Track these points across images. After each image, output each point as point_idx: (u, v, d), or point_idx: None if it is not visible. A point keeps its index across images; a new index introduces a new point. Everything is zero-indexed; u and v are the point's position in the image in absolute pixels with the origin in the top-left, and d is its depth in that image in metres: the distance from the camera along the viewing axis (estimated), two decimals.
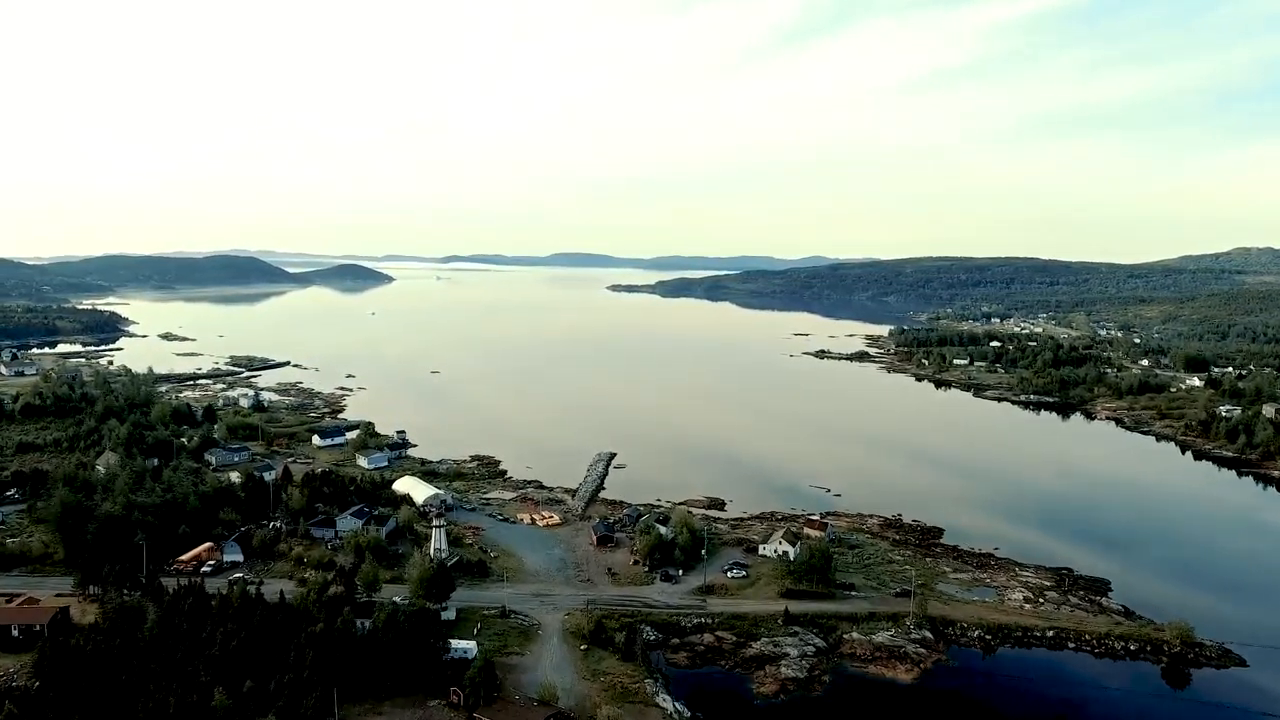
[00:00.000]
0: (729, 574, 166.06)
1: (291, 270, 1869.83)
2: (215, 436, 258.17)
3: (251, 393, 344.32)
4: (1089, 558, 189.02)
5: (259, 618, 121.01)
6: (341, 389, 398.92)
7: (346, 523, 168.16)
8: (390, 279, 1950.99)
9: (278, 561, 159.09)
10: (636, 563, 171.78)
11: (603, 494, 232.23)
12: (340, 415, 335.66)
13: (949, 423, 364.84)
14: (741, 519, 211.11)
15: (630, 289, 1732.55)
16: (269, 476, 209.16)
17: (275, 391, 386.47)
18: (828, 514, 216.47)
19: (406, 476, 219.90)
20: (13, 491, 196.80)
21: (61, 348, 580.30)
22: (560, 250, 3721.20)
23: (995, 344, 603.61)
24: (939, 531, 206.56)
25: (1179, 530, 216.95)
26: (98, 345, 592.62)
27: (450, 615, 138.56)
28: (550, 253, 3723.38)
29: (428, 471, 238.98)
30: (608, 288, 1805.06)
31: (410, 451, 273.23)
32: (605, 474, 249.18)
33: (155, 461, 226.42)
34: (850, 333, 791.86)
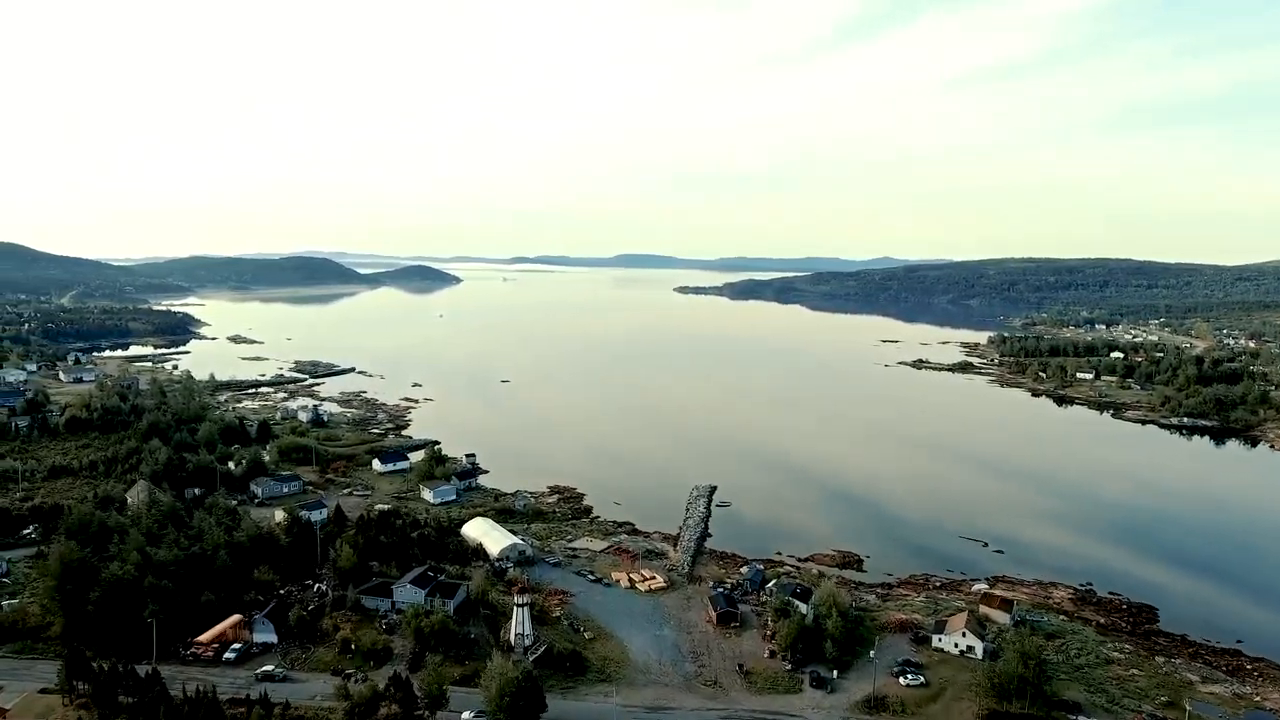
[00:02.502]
0: (901, 679, 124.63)
1: (363, 271, 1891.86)
2: (265, 459, 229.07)
3: (311, 404, 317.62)
4: None
5: None
6: (407, 399, 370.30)
7: (406, 593, 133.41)
8: (458, 280, 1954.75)
9: (319, 646, 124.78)
10: (773, 654, 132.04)
11: (708, 541, 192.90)
12: (405, 431, 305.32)
13: (1099, 451, 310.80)
14: (890, 586, 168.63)
15: (698, 290, 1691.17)
16: (318, 517, 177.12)
17: (337, 402, 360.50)
18: (997, 579, 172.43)
19: (478, 519, 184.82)
20: (29, 530, 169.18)
21: (133, 349, 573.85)
22: (624, 251, 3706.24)
23: (1117, 355, 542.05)
24: (1152, 612, 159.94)
25: None
26: (167, 348, 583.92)
27: None
28: (614, 254, 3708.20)
29: (502, 509, 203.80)
30: (675, 289, 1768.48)
31: (480, 478, 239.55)
32: (708, 515, 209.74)
33: (197, 491, 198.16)
34: (942, 339, 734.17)
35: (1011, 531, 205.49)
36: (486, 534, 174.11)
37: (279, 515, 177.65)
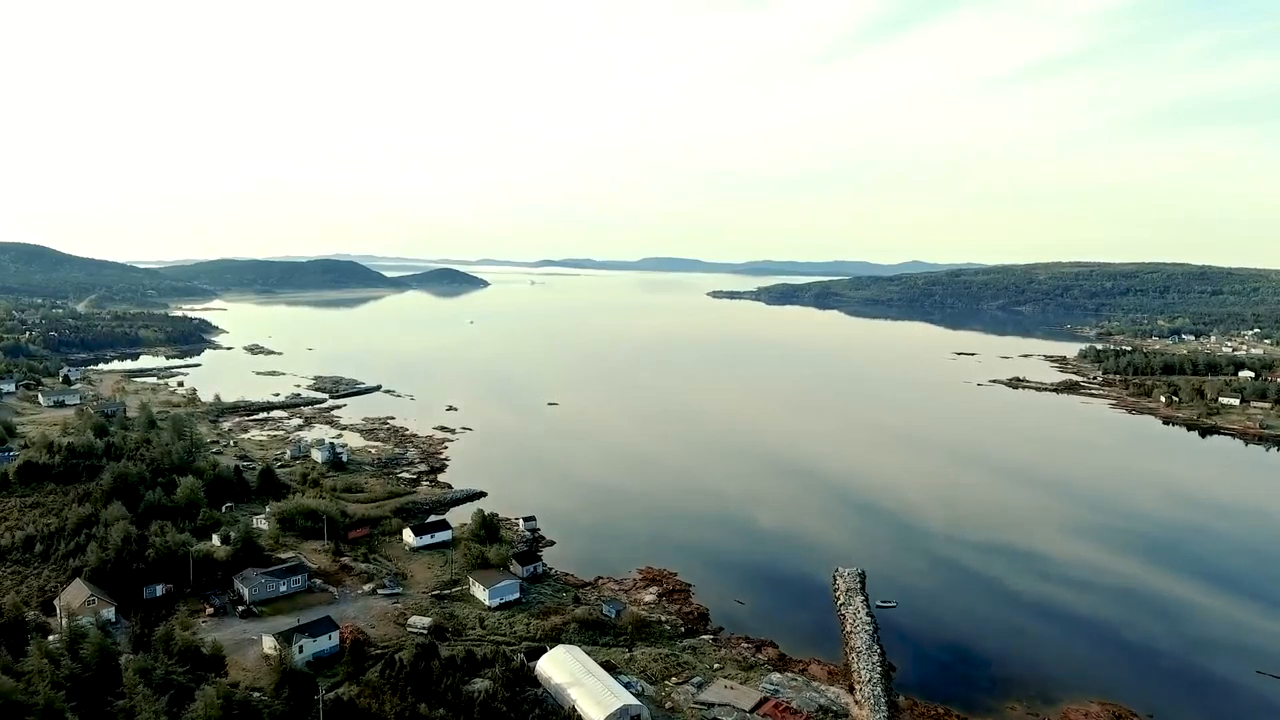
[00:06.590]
0: None
1: (389, 274, 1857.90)
2: (263, 528, 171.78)
3: (328, 441, 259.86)
4: None
5: None
6: (442, 429, 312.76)
7: None
8: (485, 283, 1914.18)
9: None
10: None
11: (893, 674, 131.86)
12: (441, 475, 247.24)
13: None
14: None
15: (732, 295, 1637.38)
16: (326, 646, 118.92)
17: (360, 431, 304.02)
18: None
19: (560, 650, 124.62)
20: None
21: (142, 360, 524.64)
22: (650, 254, 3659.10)
23: (1246, 374, 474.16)
24: None
25: None
26: (179, 358, 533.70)
27: None
28: (640, 256, 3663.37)
29: (589, 620, 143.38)
30: (708, 293, 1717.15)
31: (546, 554, 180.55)
32: (875, 627, 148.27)
33: (160, 591, 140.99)
34: (1024, 352, 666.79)
35: None
36: (578, 682, 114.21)
37: (267, 644, 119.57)
